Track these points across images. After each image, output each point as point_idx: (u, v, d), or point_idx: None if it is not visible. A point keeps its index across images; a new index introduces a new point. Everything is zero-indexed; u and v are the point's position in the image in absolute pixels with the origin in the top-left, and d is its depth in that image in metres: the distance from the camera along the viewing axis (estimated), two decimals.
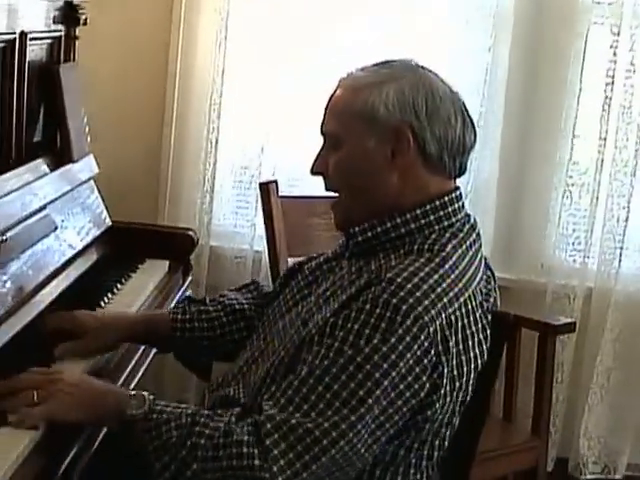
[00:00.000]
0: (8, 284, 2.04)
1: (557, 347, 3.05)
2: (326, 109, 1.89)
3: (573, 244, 3.49)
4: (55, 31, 2.65)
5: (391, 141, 1.80)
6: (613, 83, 3.39)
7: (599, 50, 3.40)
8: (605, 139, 3.40)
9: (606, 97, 3.39)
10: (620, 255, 3.44)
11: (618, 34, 3.37)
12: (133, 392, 1.76)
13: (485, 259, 1.92)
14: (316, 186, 3.21)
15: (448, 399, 1.74)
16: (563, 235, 3.48)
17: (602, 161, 3.41)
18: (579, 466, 3.51)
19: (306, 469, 1.63)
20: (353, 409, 1.64)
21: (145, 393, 1.74)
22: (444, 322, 1.71)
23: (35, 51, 2.50)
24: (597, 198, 3.43)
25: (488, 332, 1.82)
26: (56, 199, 2.44)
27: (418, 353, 1.67)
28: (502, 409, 2.94)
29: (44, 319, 2.07)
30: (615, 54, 3.38)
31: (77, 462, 1.76)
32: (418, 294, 1.69)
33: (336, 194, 1.90)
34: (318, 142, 1.95)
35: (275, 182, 2.99)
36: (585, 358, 3.49)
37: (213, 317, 2.13)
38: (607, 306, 3.45)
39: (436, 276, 1.74)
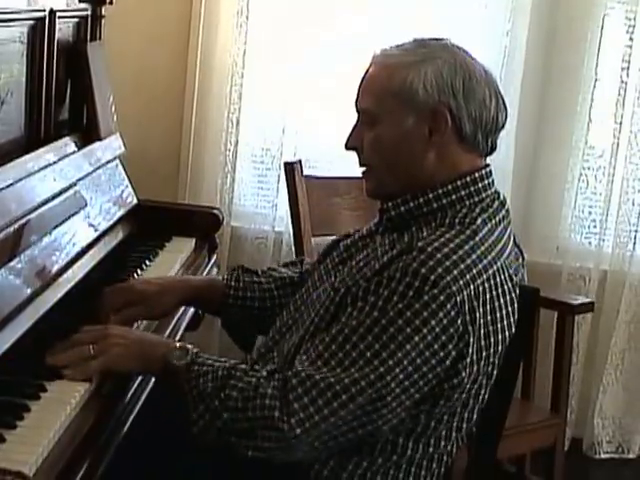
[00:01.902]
0: (37, 262, 2.03)
1: None
2: (360, 85, 1.91)
3: (588, 227, 3.52)
4: (82, 10, 2.65)
5: (428, 120, 1.83)
6: (629, 68, 3.40)
7: (615, 35, 3.42)
8: (621, 123, 3.42)
9: (622, 81, 3.41)
10: (635, 238, 3.46)
11: (634, 19, 3.39)
12: (178, 344, 1.83)
13: (514, 236, 1.95)
14: (336, 167, 3.32)
15: (475, 368, 1.78)
16: (578, 218, 3.50)
17: (617, 145, 3.43)
18: (594, 445, 3.54)
19: (324, 421, 1.69)
20: (374, 369, 1.70)
21: (190, 345, 1.81)
22: (472, 293, 1.74)
23: (63, 30, 2.50)
24: (612, 182, 3.45)
25: (515, 306, 1.84)
26: (84, 177, 2.43)
27: (444, 321, 1.71)
28: (520, 387, 2.95)
29: (100, 297, 2.07)
30: (631, 39, 3.40)
31: (127, 413, 1.83)
32: (447, 264, 1.73)
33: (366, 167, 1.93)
34: (340, 123, 1.96)
35: (299, 162, 3.00)
36: (600, 340, 3.51)
37: (265, 289, 2.19)
38: (622, 288, 3.47)
39: (466, 247, 1.77)
